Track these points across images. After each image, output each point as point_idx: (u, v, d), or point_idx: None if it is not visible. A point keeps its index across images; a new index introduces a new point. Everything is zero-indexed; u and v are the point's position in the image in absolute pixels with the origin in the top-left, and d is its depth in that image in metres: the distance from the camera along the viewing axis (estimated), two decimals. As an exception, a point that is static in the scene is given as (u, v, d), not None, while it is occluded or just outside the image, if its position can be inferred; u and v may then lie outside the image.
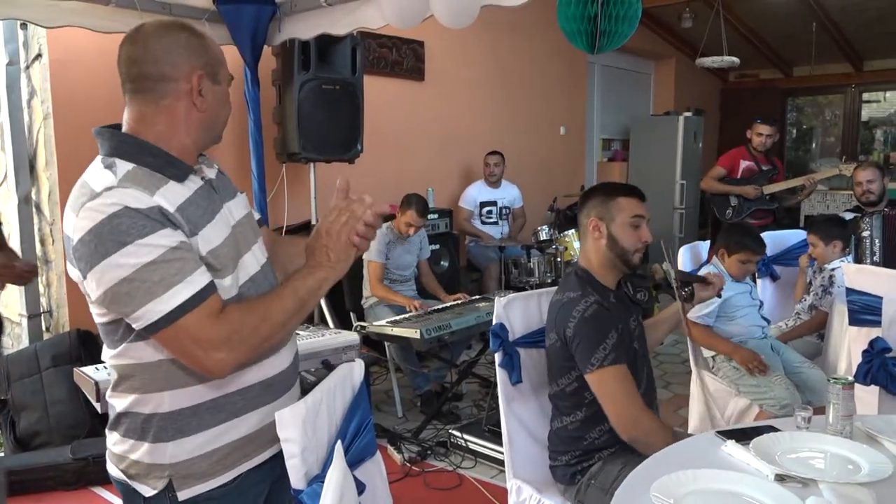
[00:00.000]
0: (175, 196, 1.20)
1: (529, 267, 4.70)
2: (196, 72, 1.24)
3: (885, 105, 9.13)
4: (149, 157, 1.22)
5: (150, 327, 1.15)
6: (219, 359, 1.17)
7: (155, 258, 1.12)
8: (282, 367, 1.36)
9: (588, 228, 2.01)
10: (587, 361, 1.87)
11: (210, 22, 3.59)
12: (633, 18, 2.47)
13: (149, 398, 1.24)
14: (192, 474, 1.26)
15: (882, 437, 1.59)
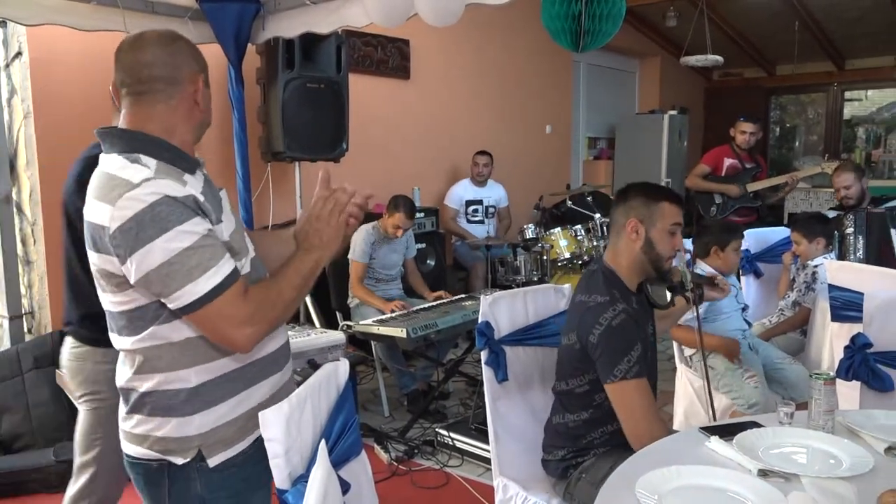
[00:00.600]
0: (197, 187, 1.34)
1: (516, 265, 4.72)
2: (199, 75, 1.40)
3: (866, 103, 9.22)
4: (165, 152, 1.34)
5: (187, 308, 1.26)
6: (248, 334, 1.31)
7: (192, 244, 1.25)
8: (280, 343, 1.52)
9: (626, 228, 1.95)
10: (609, 372, 1.82)
11: (193, 20, 3.56)
12: (617, 17, 2.47)
13: (175, 375, 1.34)
14: (220, 441, 1.38)
15: (863, 431, 1.61)
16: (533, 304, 2.29)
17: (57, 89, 3.64)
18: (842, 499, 1.32)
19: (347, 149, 4.31)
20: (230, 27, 3.60)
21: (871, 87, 8.85)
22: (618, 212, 2.00)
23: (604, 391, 1.89)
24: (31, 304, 3.82)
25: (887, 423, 1.67)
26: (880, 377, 2.01)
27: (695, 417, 3.03)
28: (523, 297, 2.27)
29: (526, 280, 4.61)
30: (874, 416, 1.72)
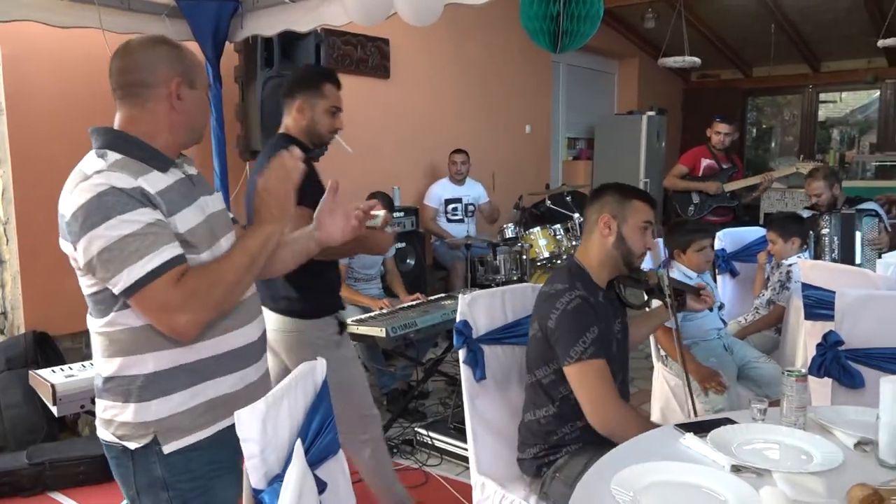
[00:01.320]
0: (157, 182, 1.39)
1: (495, 265, 4.72)
2: (174, 79, 1.44)
3: (840, 105, 9.37)
4: (136, 149, 1.41)
5: (126, 291, 1.32)
6: (183, 321, 1.34)
7: (133, 231, 1.31)
8: (249, 339, 1.53)
9: (598, 224, 2.01)
10: (566, 353, 1.87)
11: (170, 17, 3.53)
12: (595, 18, 2.49)
13: (133, 360, 1.40)
14: (175, 428, 1.42)
15: (834, 427, 1.64)
16: (511, 303, 2.30)
17: (30, 87, 3.59)
18: (812, 493, 1.34)
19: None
20: (208, 25, 3.57)
21: (844, 89, 8.99)
22: (591, 209, 2.06)
23: (568, 383, 1.92)
24: (3, 304, 3.77)
25: (857, 418, 1.70)
26: (851, 374, 2.04)
27: (672, 415, 3.06)
28: (501, 296, 2.28)
29: (505, 279, 4.62)
30: (844, 412, 1.75)
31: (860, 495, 1.21)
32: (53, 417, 2.88)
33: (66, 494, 2.99)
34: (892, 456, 1.46)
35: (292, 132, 2.40)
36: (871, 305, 2.07)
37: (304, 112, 2.37)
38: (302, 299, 2.30)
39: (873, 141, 8.70)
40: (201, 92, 1.50)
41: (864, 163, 8.37)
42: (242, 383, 1.51)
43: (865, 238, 3.77)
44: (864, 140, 8.96)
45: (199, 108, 1.51)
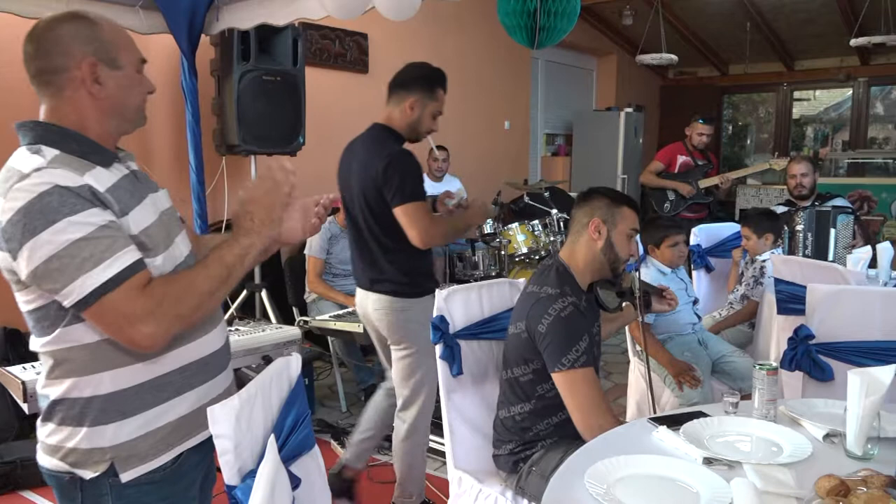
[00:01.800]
0: (104, 179, 1.24)
1: (474, 260, 4.73)
2: (86, 59, 1.27)
3: (814, 103, 9.51)
4: (73, 143, 1.25)
5: (81, 303, 1.17)
6: (147, 332, 1.20)
7: (85, 235, 1.16)
8: (215, 347, 1.42)
9: (588, 227, 2.00)
10: (557, 361, 1.85)
11: (144, 9, 3.48)
12: (572, 14, 2.50)
13: (87, 381, 1.25)
14: (135, 455, 1.29)
15: (803, 419, 1.66)
16: (488, 298, 2.30)
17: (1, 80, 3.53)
18: (781, 484, 1.36)
19: (304, 142, 4.27)
20: (183, 17, 3.53)
21: (818, 87, 9.13)
22: (581, 211, 2.04)
23: (547, 382, 1.93)
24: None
25: (826, 411, 1.73)
26: (821, 367, 2.08)
27: (647, 408, 3.09)
28: (478, 292, 2.28)
29: (484, 275, 4.63)
30: (814, 405, 1.78)
31: (827, 486, 1.23)
32: (24, 415, 2.84)
33: (38, 493, 2.95)
34: (859, 447, 1.48)
35: (394, 124, 2.57)
36: (840, 300, 2.11)
37: (415, 110, 2.52)
38: (406, 281, 2.48)
39: (846, 139, 8.85)
40: (128, 70, 1.32)
41: (837, 160, 8.51)
42: (207, 397, 1.38)
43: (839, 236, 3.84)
44: (837, 137, 9.10)
45: (125, 89, 1.32)
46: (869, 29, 6.32)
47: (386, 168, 2.39)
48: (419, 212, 2.36)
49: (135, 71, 1.34)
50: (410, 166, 2.43)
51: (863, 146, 8.55)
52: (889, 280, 3.09)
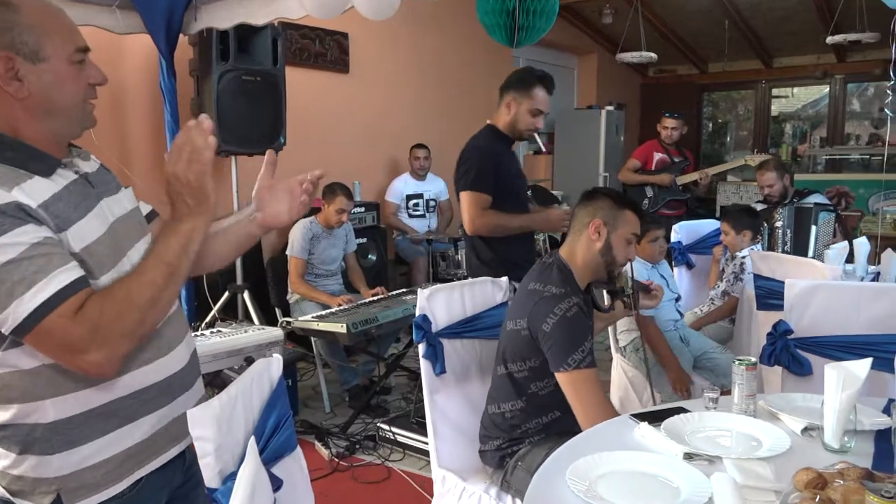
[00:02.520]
0: (39, 192, 1.11)
1: (457, 259, 4.74)
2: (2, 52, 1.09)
3: (793, 100, 9.61)
4: (8, 151, 1.12)
5: (18, 330, 1.06)
6: (93, 360, 1.08)
7: (14, 256, 1.04)
8: (178, 366, 1.30)
9: (588, 227, 2.00)
10: (562, 361, 1.85)
11: (121, 9, 3.45)
12: (551, 13, 2.51)
13: (30, 408, 1.14)
14: (84, 486, 1.18)
15: (782, 414, 1.68)
16: (470, 297, 2.31)
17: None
18: (761, 478, 1.38)
19: (285, 143, 4.25)
20: (160, 17, 3.50)
21: (796, 84, 9.22)
22: (583, 211, 2.05)
23: (542, 380, 1.94)
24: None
25: (805, 405, 1.75)
26: (800, 362, 2.10)
27: (630, 404, 3.11)
28: (461, 290, 2.28)
29: (467, 274, 4.63)
30: (793, 399, 1.80)
31: (805, 479, 1.25)
32: None
33: None
34: (836, 440, 1.50)
35: (499, 124, 2.69)
36: (818, 295, 2.13)
37: (511, 108, 2.62)
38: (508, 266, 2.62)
39: (824, 135, 8.95)
40: (56, 62, 1.13)
41: (815, 156, 8.61)
42: (168, 419, 1.26)
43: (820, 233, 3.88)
44: (815, 134, 9.21)
45: (54, 85, 1.14)
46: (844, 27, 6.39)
47: (459, 158, 2.75)
48: (472, 201, 2.63)
49: (67, 62, 1.15)
50: (478, 159, 2.65)
51: (840, 142, 8.65)
52: (866, 275, 3.13)
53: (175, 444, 1.25)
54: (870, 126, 8.83)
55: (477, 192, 2.62)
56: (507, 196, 2.69)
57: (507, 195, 2.69)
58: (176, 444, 1.27)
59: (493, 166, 2.65)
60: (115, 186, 1.31)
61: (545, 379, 1.94)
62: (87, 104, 1.21)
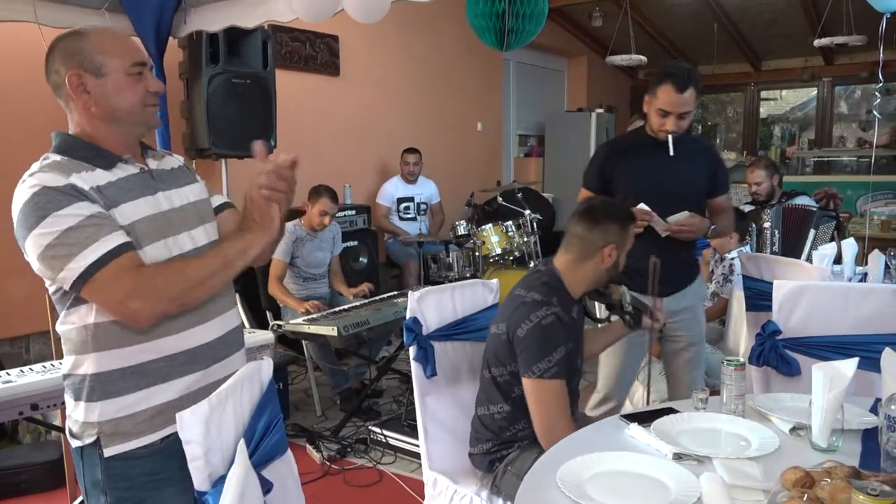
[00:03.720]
0: (96, 179, 1.37)
1: (448, 262, 4.74)
2: (70, 72, 1.38)
3: (781, 103, 9.68)
4: (80, 150, 1.40)
5: (75, 285, 1.30)
6: (135, 308, 1.32)
7: (73, 224, 1.29)
8: (209, 337, 1.48)
9: (601, 252, 1.99)
10: (529, 368, 1.87)
11: (110, 12, 3.43)
12: (540, 16, 2.52)
13: (81, 360, 1.40)
14: (118, 433, 1.39)
15: (771, 414, 1.69)
16: (461, 300, 2.31)
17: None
18: (749, 477, 1.38)
19: (276, 145, 4.24)
20: (150, 20, 3.49)
21: (784, 86, 9.29)
22: (593, 234, 2.00)
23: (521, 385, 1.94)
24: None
25: (793, 405, 1.76)
26: (788, 362, 2.11)
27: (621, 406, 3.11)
28: (451, 293, 2.29)
29: (459, 276, 4.64)
30: (781, 399, 1.81)
31: (793, 478, 1.26)
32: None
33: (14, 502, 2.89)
34: (823, 439, 1.52)
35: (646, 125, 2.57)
36: (806, 295, 2.14)
37: (648, 107, 2.50)
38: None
39: (812, 137, 9.02)
40: (116, 75, 1.40)
41: (804, 158, 8.67)
42: (198, 385, 1.46)
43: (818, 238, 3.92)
44: (803, 136, 9.28)
45: (113, 94, 1.41)
46: (832, 30, 6.45)
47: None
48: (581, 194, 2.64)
49: (124, 74, 1.41)
50: (594, 154, 2.71)
51: (828, 145, 8.72)
52: (853, 275, 3.16)
53: None
54: (857, 129, 8.91)
55: (584, 186, 2.63)
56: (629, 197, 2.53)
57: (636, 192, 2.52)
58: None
59: (604, 163, 2.58)
60: (184, 181, 1.55)
61: None
62: (147, 108, 1.46)
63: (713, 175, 2.58)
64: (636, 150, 2.56)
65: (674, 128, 2.43)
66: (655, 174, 2.49)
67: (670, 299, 2.48)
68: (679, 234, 2.43)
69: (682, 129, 2.45)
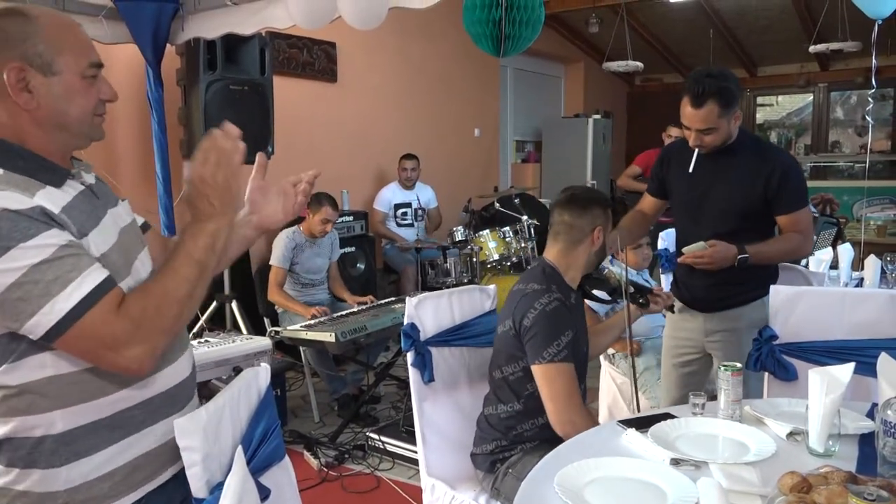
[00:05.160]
0: (57, 199, 1.13)
1: (446, 268, 4.74)
2: (9, 64, 1.11)
3: (777, 109, 9.71)
4: (19, 160, 1.13)
5: (53, 331, 1.05)
6: (134, 355, 1.10)
7: (46, 257, 1.05)
8: (181, 377, 1.31)
9: (591, 235, 2.04)
10: (538, 354, 1.89)
11: (108, 19, 3.45)
12: (537, 23, 2.53)
13: (38, 420, 1.13)
14: (92, 498, 1.18)
15: (768, 419, 1.70)
16: (458, 305, 2.31)
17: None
18: (746, 483, 1.39)
19: (273, 152, 4.25)
20: (147, 27, 3.50)
21: (780, 92, 9.33)
22: (581, 220, 2.05)
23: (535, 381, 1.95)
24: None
25: (790, 410, 1.76)
26: (785, 367, 2.12)
27: (619, 412, 3.12)
28: (448, 299, 2.29)
29: (456, 282, 4.64)
30: (778, 404, 1.82)
31: (790, 483, 1.26)
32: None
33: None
34: (820, 444, 1.52)
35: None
36: (803, 301, 2.15)
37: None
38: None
39: (808, 143, 9.05)
40: (68, 76, 1.15)
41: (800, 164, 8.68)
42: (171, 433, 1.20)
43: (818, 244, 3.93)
44: (800, 142, 9.30)
45: (63, 99, 1.15)
46: (827, 36, 6.48)
47: None
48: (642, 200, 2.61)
49: (78, 77, 1.17)
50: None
51: (824, 150, 8.75)
52: (850, 280, 3.17)
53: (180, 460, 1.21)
54: (853, 134, 8.94)
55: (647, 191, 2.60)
56: (673, 205, 2.50)
57: (673, 204, 2.49)
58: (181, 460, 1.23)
59: (658, 169, 2.50)
60: (115, 199, 1.32)
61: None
62: (96, 118, 1.22)
63: (769, 190, 2.24)
64: (683, 159, 2.37)
65: (696, 143, 2.24)
66: (688, 183, 2.35)
67: (710, 316, 2.40)
68: (698, 266, 2.23)
69: (708, 146, 2.24)
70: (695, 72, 2.27)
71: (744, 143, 2.31)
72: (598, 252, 2.09)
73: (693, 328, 2.46)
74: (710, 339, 2.43)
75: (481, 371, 2.32)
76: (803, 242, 2.33)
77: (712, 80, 2.19)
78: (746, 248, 2.20)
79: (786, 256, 2.47)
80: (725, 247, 2.19)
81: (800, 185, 2.31)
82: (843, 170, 8.72)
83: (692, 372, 2.53)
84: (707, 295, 2.38)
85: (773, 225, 2.33)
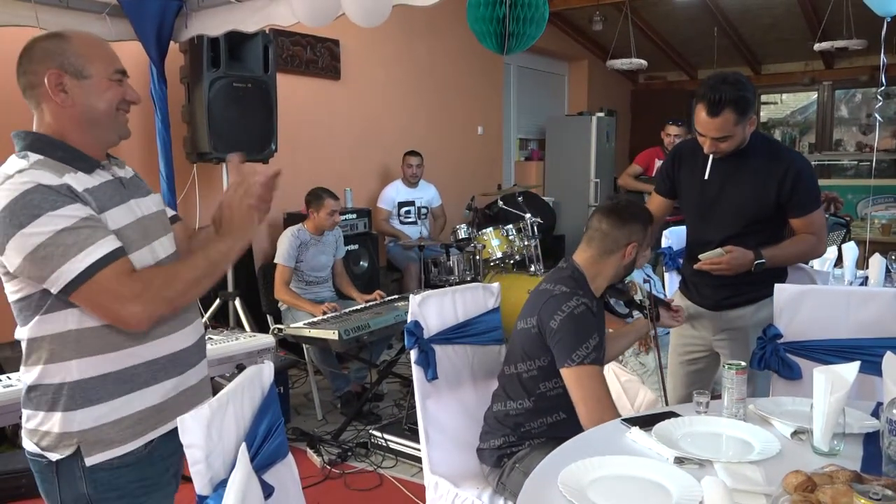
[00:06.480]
0: (84, 181, 1.36)
1: (449, 266, 4.74)
2: (49, 71, 1.36)
3: (781, 107, 9.69)
4: (59, 151, 1.37)
5: (69, 287, 1.28)
6: (135, 311, 1.32)
7: (68, 225, 1.27)
8: (186, 343, 1.50)
9: (625, 248, 2.04)
10: (568, 356, 1.89)
11: (111, 16, 3.45)
12: (541, 21, 2.52)
13: (57, 368, 1.36)
14: (101, 441, 1.38)
15: (772, 417, 1.69)
16: (462, 303, 2.31)
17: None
18: (751, 481, 1.38)
19: (276, 149, 4.25)
20: (151, 24, 3.50)
21: (785, 90, 9.30)
22: (619, 232, 2.05)
23: (551, 380, 1.97)
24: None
25: (794, 408, 1.76)
26: (789, 366, 2.11)
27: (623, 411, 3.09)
28: (452, 296, 2.28)
29: (459, 280, 4.64)
30: (782, 403, 1.81)
31: (795, 482, 1.26)
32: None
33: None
34: (825, 443, 1.51)
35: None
36: (807, 299, 2.14)
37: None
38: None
39: (812, 141, 9.02)
40: (97, 79, 1.40)
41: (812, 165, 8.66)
42: (176, 390, 1.48)
43: None
44: (804, 140, 9.28)
45: (93, 97, 1.40)
46: (832, 34, 6.46)
47: None
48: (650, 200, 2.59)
49: (105, 80, 1.41)
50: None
51: (829, 148, 8.72)
52: (854, 279, 3.16)
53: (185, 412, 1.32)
54: (858, 132, 8.91)
55: (655, 190, 2.56)
56: (683, 206, 2.47)
57: (683, 204, 2.47)
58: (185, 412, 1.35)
59: (669, 169, 2.46)
60: (145, 191, 1.57)
61: (553, 379, 1.97)
62: (121, 114, 1.45)
63: (782, 193, 2.21)
64: (693, 160, 2.33)
65: (711, 149, 2.21)
66: (698, 185, 2.32)
67: (719, 315, 2.39)
68: (715, 273, 2.21)
69: (723, 152, 2.21)
70: (710, 78, 2.21)
71: (755, 144, 2.27)
72: (627, 266, 2.08)
73: (702, 326, 2.45)
74: (718, 338, 2.42)
75: (484, 369, 2.31)
76: (817, 244, 2.31)
77: (729, 89, 2.13)
78: (763, 253, 2.18)
79: (800, 258, 2.46)
80: (742, 253, 2.17)
81: (813, 186, 2.28)
82: (847, 168, 8.69)
83: (699, 370, 2.52)
84: (716, 294, 2.38)
85: (784, 226, 2.31)
